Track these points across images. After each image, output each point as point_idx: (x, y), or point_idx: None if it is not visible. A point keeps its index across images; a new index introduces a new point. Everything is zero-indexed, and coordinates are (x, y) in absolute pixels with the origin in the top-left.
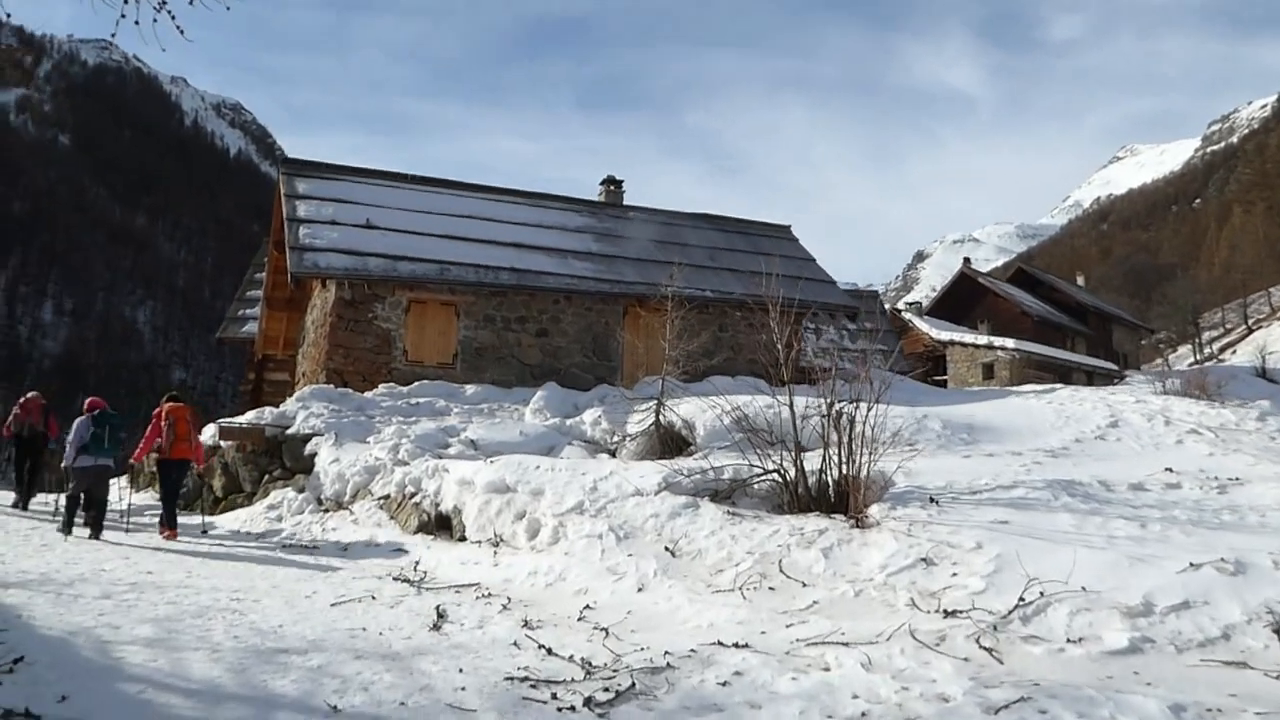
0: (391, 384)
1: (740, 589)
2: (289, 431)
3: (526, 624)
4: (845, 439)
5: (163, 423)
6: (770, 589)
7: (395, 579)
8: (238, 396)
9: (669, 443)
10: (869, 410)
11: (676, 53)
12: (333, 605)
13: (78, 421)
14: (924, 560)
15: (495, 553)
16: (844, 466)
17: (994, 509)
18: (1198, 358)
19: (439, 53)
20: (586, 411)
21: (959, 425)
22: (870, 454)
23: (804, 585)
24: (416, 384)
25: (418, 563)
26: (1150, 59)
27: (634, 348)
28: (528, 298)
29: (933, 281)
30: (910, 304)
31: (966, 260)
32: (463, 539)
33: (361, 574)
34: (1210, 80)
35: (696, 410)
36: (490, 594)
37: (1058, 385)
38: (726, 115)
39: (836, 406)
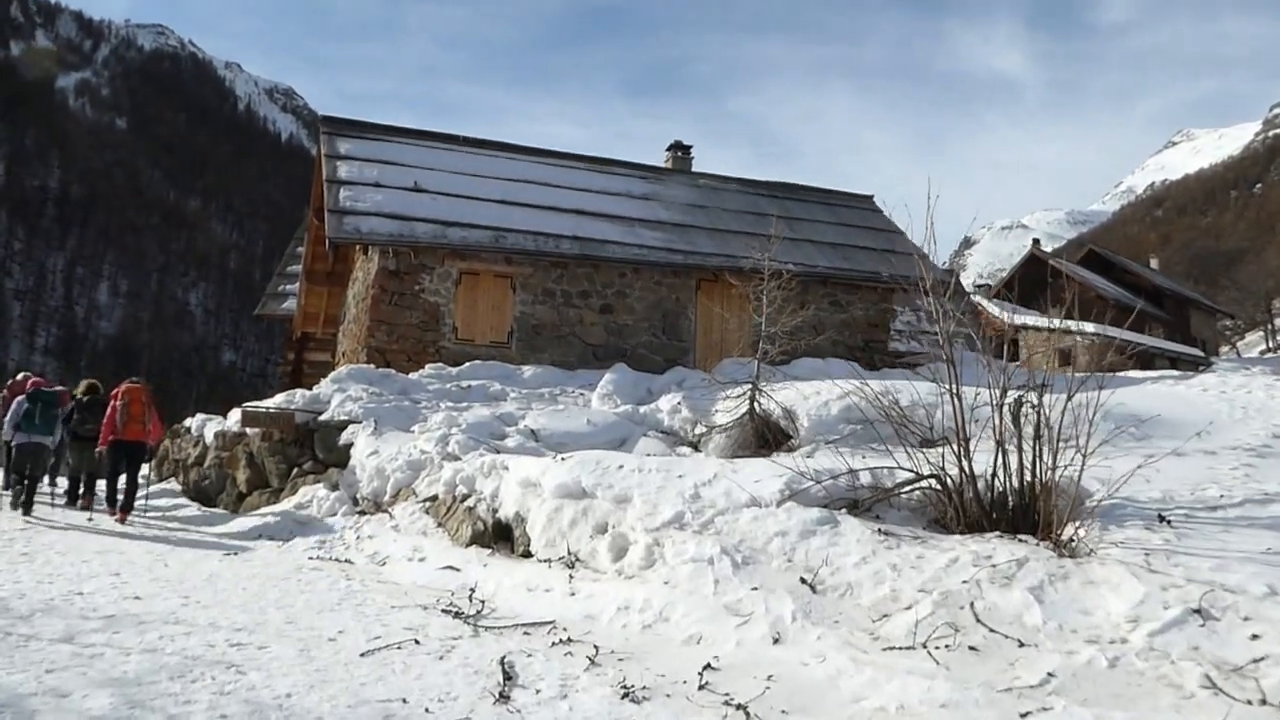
0: (440, 364)
1: (925, 646)
2: (322, 418)
3: (627, 693)
4: (1032, 435)
5: (116, 403)
6: (971, 649)
7: (445, 610)
8: (281, 380)
9: (766, 435)
10: (1069, 398)
11: (722, 39)
12: (363, 655)
13: (16, 400)
14: (1196, 612)
15: (570, 577)
16: (1031, 471)
17: (1255, 532)
18: (1270, 344)
19: (488, 38)
20: (663, 398)
21: (1122, 417)
22: (1077, 454)
23: (1021, 645)
24: (468, 364)
25: (473, 588)
26: (1209, 40)
27: (708, 326)
28: (591, 269)
29: (980, 268)
30: (979, 286)
31: (1036, 242)
32: (527, 555)
33: (403, 602)
34: (1273, 62)
35: (797, 397)
36: (570, 639)
37: (1189, 372)
38: (772, 101)
39: (1014, 394)
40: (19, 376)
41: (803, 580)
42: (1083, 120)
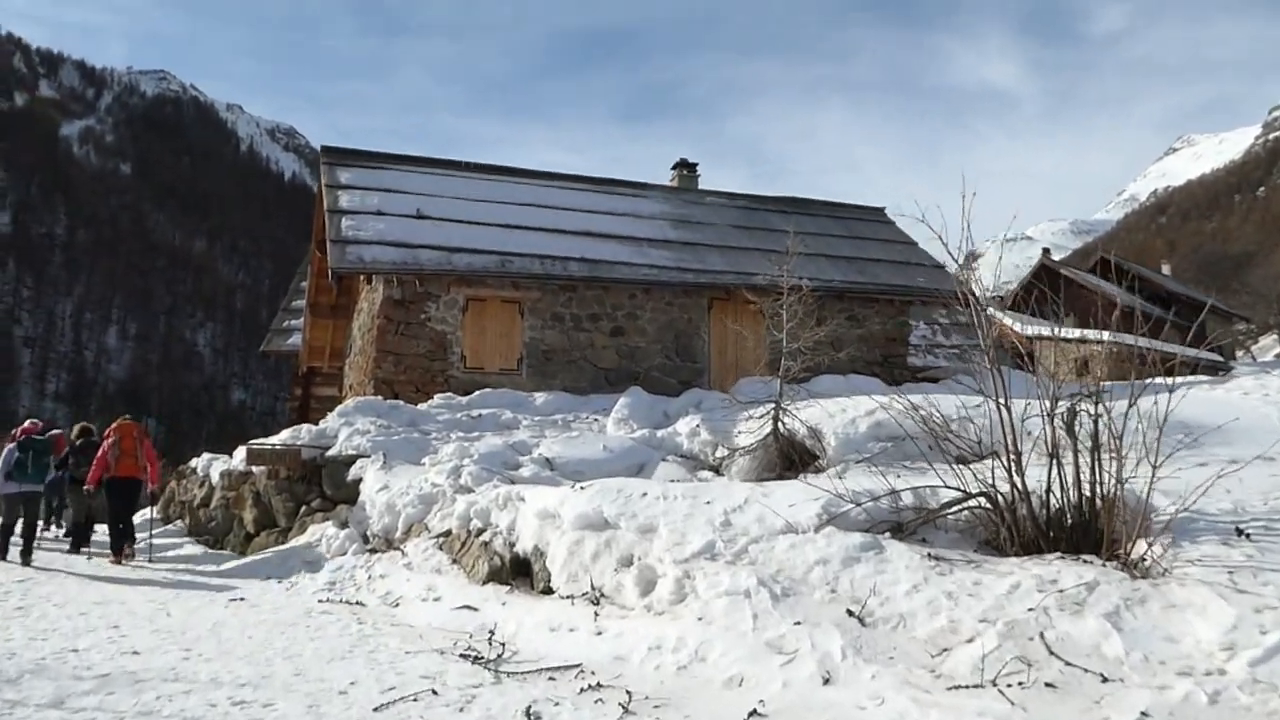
0: (449, 394)
1: (995, 683)
2: (329, 453)
3: None
4: (1090, 446)
5: (107, 442)
6: (1048, 685)
7: (463, 655)
8: (289, 416)
9: (792, 456)
10: (1131, 404)
11: (715, 61)
12: (376, 710)
13: (6, 449)
14: None
15: (596, 614)
16: (1091, 485)
17: None
18: None
19: (481, 70)
20: (680, 420)
21: (1171, 424)
22: (1138, 465)
23: (1104, 680)
24: (478, 393)
25: (492, 630)
26: (1201, 45)
27: (722, 346)
28: (601, 291)
29: (986, 282)
30: (990, 298)
31: (1046, 251)
32: (548, 591)
33: (418, 646)
34: (1269, 65)
35: (823, 415)
36: (599, 683)
37: (1218, 377)
38: (767, 121)
39: (1068, 403)
40: (27, 424)
41: (850, 612)
42: (1081, 129)
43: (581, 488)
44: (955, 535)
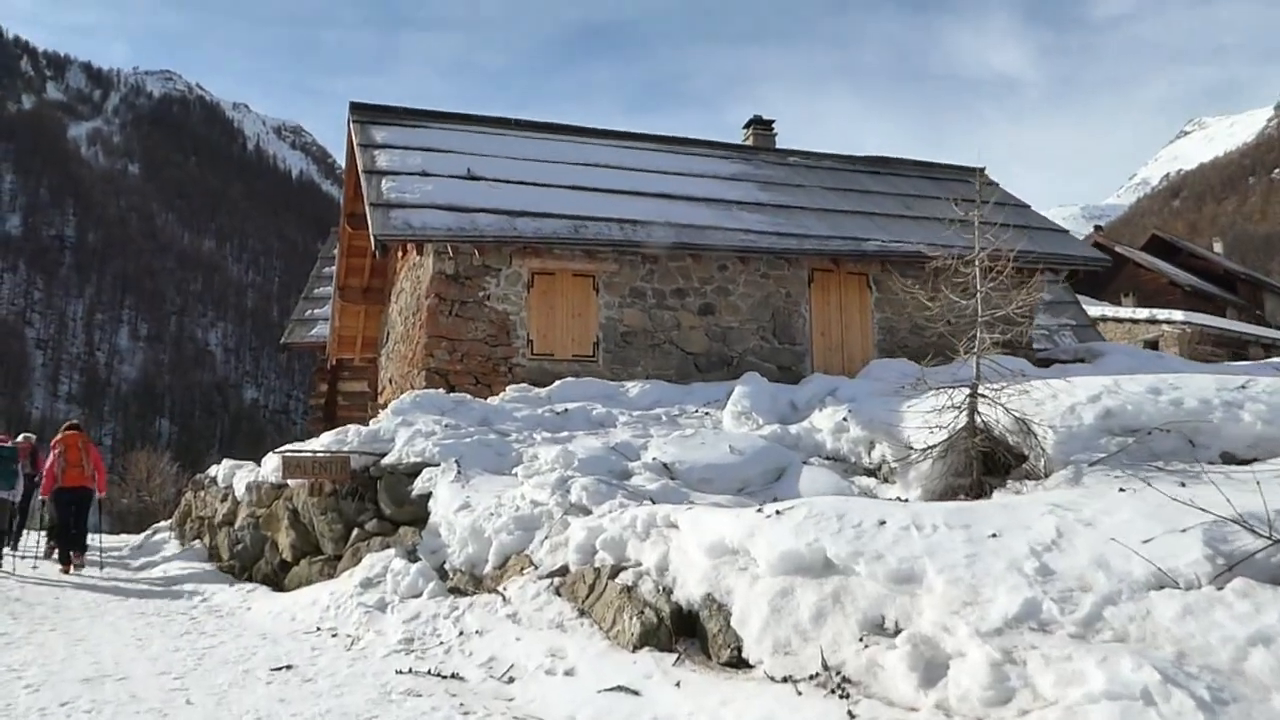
0: (523, 385)
1: None
2: (385, 461)
3: None
4: None
5: (54, 453)
6: None
7: None
8: (309, 414)
9: (995, 456)
10: None
11: (718, 51)
12: None
13: None
14: None
15: (851, 715)
16: None
17: None
18: None
19: (484, 65)
20: (816, 413)
21: None
22: None
23: None
24: (558, 384)
25: None
26: (1207, 28)
27: (825, 326)
28: (687, 262)
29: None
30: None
31: (1098, 228)
32: (738, 664)
33: None
34: (1276, 48)
35: (1025, 403)
36: None
37: None
38: (772, 109)
39: None
40: (20, 438)
41: None
42: (1089, 114)
43: (779, 512)
44: None
